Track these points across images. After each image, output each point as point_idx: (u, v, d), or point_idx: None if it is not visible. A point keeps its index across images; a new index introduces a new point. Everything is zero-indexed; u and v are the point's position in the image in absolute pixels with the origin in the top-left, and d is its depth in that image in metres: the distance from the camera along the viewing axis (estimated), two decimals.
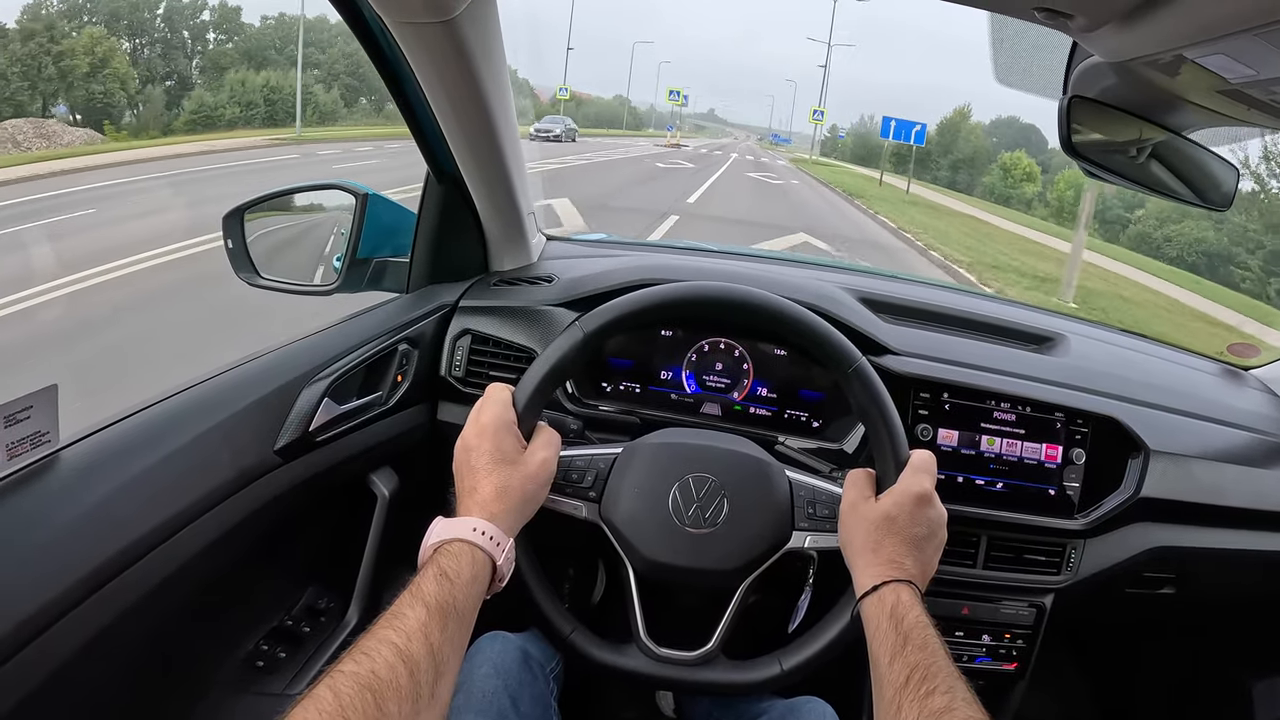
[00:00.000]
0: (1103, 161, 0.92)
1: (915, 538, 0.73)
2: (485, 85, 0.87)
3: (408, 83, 0.91)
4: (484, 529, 0.66)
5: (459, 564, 0.63)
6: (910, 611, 0.67)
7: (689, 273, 1.12)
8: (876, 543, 0.73)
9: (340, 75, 29.66)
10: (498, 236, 1.16)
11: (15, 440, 0.64)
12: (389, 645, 0.54)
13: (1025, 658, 1.04)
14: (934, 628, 0.66)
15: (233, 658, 0.89)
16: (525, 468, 0.73)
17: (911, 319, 1.15)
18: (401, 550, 1.01)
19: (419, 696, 0.53)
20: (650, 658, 0.80)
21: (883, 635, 0.66)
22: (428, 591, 0.60)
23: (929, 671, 0.61)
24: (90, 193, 9.12)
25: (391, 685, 0.52)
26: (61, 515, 0.63)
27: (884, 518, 0.73)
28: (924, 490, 0.75)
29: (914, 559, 0.72)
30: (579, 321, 0.80)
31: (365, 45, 0.88)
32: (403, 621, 0.57)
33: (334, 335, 0.96)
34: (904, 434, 0.79)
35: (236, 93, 24.69)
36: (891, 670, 0.63)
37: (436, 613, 0.58)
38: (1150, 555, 1.03)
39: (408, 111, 0.97)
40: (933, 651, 0.63)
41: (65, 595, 0.59)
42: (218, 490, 0.76)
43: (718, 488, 0.80)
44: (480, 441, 0.73)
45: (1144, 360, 1.25)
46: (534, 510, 0.74)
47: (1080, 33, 0.73)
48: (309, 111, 24.90)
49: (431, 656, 0.56)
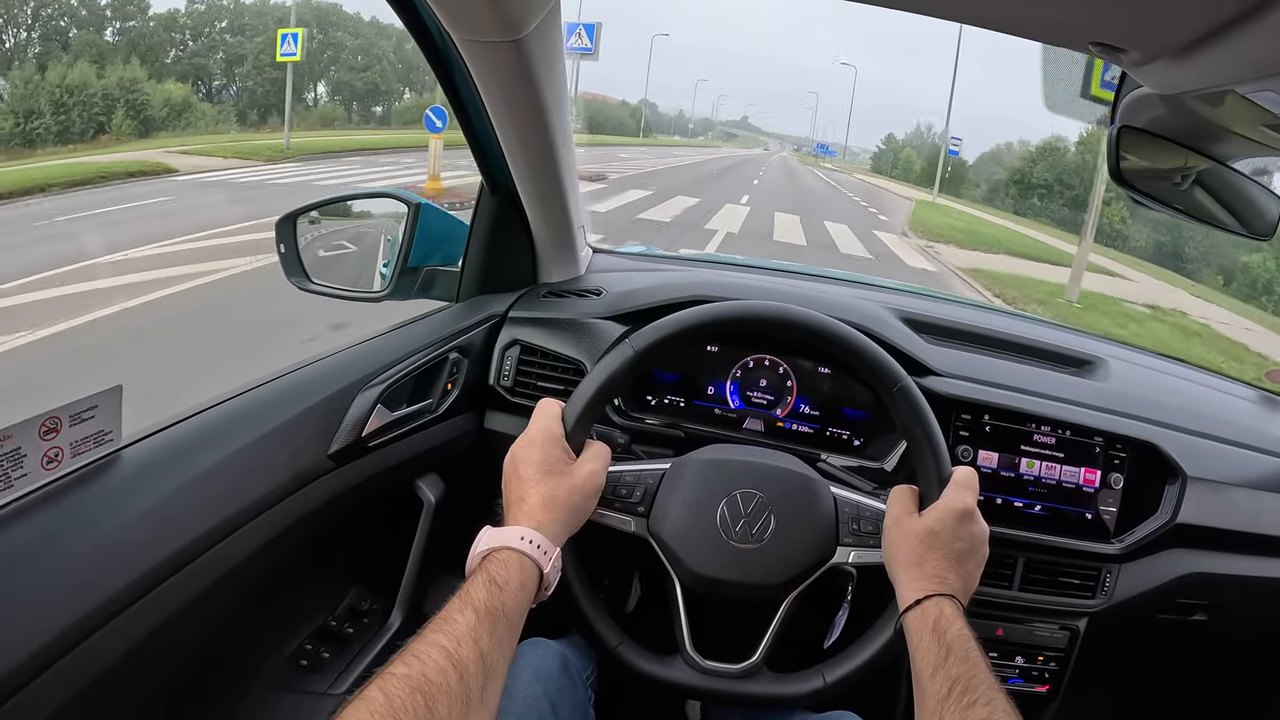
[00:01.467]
0: (1148, 189, 0.93)
1: (958, 553, 0.74)
2: (547, 102, 0.89)
3: (469, 97, 0.93)
4: (531, 537, 0.67)
5: (507, 571, 0.64)
6: (953, 625, 0.68)
7: (735, 289, 1.13)
8: (920, 557, 0.74)
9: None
10: (548, 248, 1.18)
11: (79, 439, 0.65)
12: (439, 649, 0.55)
13: (1057, 680, 1.04)
14: (975, 641, 0.67)
15: (277, 656, 0.90)
16: (572, 479, 0.74)
17: (952, 340, 1.16)
18: (445, 556, 1.02)
19: (469, 700, 0.54)
20: (696, 670, 0.81)
21: (925, 648, 0.67)
22: (477, 597, 0.61)
23: (970, 684, 0.62)
24: None
25: (442, 688, 0.52)
26: (121, 514, 0.64)
27: (928, 533, 0.74)
28: (967, 506, 0.76)
29: (957, 574, 0.73)
30: (629, 339, 0.81)
31: (430, 59, 0.90)
32: (452, 626, 0.57)
33: (388, 342, 0.98)
34: (947, 451, 0.80)
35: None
36: (934, 682, 0.64)
37: (486, 618, 0.59)
38: (1184, 582, 1.03)
39: (466, 124, 0.99)
40: (974, 664, 0.64)
41: (121, 594, 0.60)
42: (273, 493, 0.77)
43: (765, 503, 0.81)
44: (528, 453, 0.74)
45: (1182, 385, 1.25)
46: (581, 521, 0.75)
47: (1133, 66, 0.74)
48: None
49: (481, 660, 0.56)
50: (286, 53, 14.22)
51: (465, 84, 0.91)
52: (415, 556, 0.99)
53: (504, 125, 0.95)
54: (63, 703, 0.56)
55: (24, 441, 0.60)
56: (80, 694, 0.57)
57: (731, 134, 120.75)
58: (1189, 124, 0.87)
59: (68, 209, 8.39)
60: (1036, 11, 0.69)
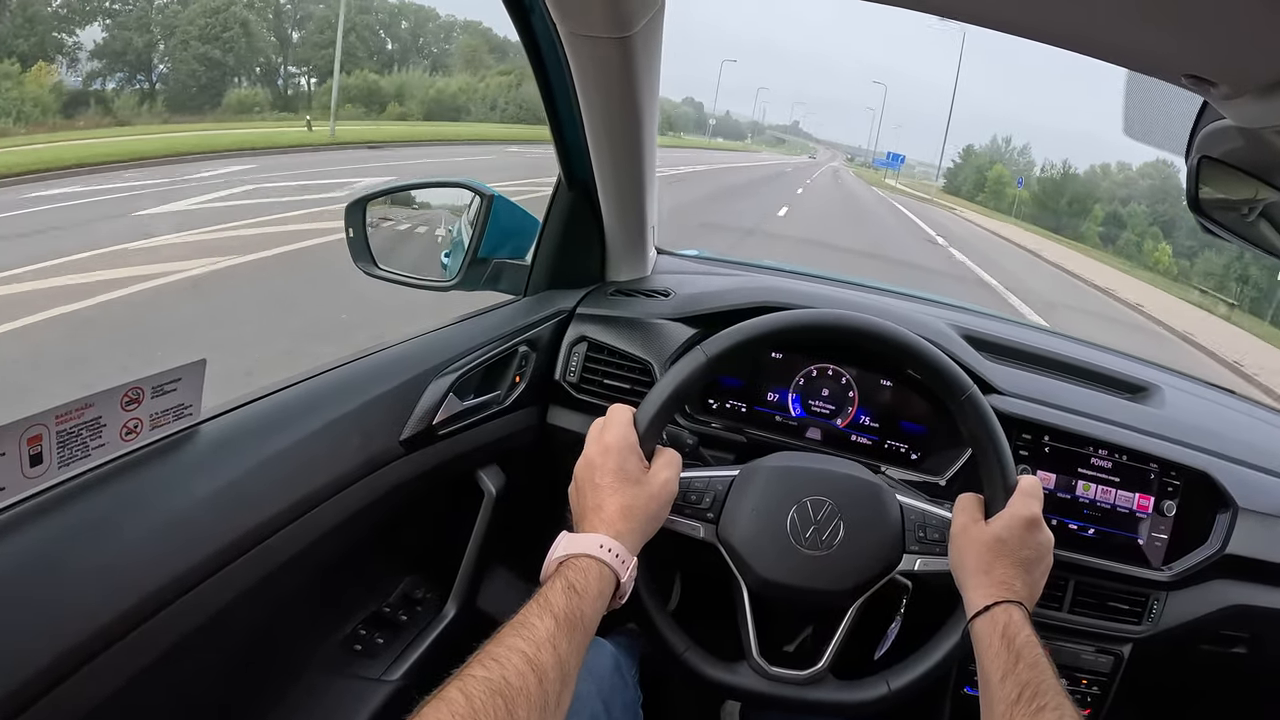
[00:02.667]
0: (1219, 219, 0.94)
1: (1025, 560, 0.75)
2: (642, 101, 0.90)
3: (562, 91, 0.94)
4: (610, 546, 0.67)
5: (586, 579, 0.64)
6: (1021, 631, 0.69)
7: (801, 297, 1.13)
8: (988, 564, 0.74)
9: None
10: (619, 246, 1.18)
11: (159, 411, 0.65)
12: (519, 653, 0.55)
13: (1099, 705, 1.04)
14: (1043, 647, 0.68)
15: (331, 640, 0.90)
16: (649, 487, 0.73)
17: (1012, 359, 1.16)
18: (501, 547, 1.02)
19: (546, 705, 0.54)
20: (763, 676, 0.81)
21: (994, 654, 0.68)
22: (556, 604, 0.61)
23: (1039, 689, 0.63)
24: None
25: (522, 692, 0.53)
26: (196, 489, 0.64)
27: (995, 540, 0.75)
28: (1033, 514, 0.76)
29: (1023, 581, 0.74)
30: (702, 345, 0.81)
31: (528, 47, 0.90)
32: (532, 631, 0.58)
33: (459, 332, 0.98)
34: (1012, 460, 0.81)
35: None
36: (1003, 687, 0.65)
37: (564, 624, 0.59)
38: (1229, 613, 1.03)
39: (554, 117, 1.00)
40: (1043, 670, 0.65)
41: (195, 569, 0.60)
42: (345, 476, 0.77)
43: (834, 510, 0.81)
44: (605, 460, 0.73)
45: (1234, 416, 1.26)
46: (656, 529, 0.75)
47: (1220, 99, 0.76)
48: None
49: (559, 667, 0.57)
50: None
51: (561, 77, 0.91)
52: (473, 547, 0.99)
53: (594, 120, 0.95)
54: (131, 676, 0.56)
55: (105, 411, 0.60)
56: (147, 668, 0.57)
57: (780, 139, 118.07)
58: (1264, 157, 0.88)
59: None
60: (1133, 40, 0.70)
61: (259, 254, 5.72)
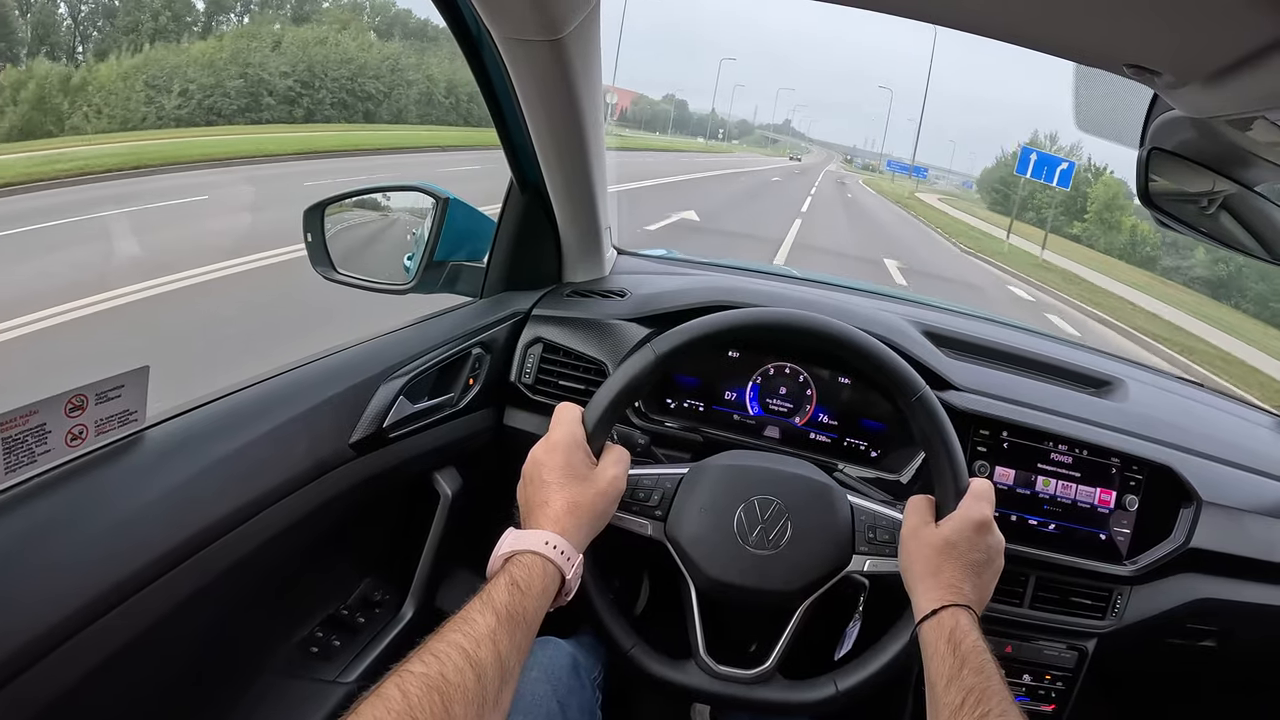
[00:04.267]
0: (1175, 212, 0.93)
1: (974, 564, 0.74)
2: (582, 102, 0.90)
3: (504, 94, 0.94)
4: (556, 543, 0.68)
5: (530, 575, 0.64)
6: (968, 636, 0.68)
7: (759, 296, 1.13)
8: (936, 567, 0.74)
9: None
10: (574, 248, 1.19)
11: (104, 417, 0.65)
12: (458, 649, 0.55)
13: (1064, 700, 1.04)
14: (990, 653, 0.67)
15: (288, 643, 0.90)
16: (596, 484, 0.74)
17: (973, 355, 1.16)
18: (459, 549, 1.03)
19: (484, 702, 0.54)
20: (709, 675, 0.81)
21: (940, 658, 0.67)
22: (498, 600, 0.61)
23: (984, 694, 0.63)
24: None
25: (459, 689, 0.53)
26: (142, 494, 0.64)
27: (944, 543, 0.75)
28: (984, 517, 0.76)
29: (972, 584, 0.73)
30: (652, 343, 0.82)
31: (467, 54, 0.91)
32: (472, 627, 0.58)
33: (411, 334, 0.99)
34: (964, 462, 0.80)
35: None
36: (948, 693, 0.64)
37: (506, 621, 0.59)
38: (1195, 607, 1.03)
39: (499, 121, 1.00)
40: (989, 675, 0.64)
41: (140, 572, 0.61)
42: (293, 479, 0.77)
43: (782, 510, 0.81)
44: (550, 457, 0.74)
45: (1200, 409, 1.25)
46: (603, 526, 0.75)
47: (1166, 89, 0.75)
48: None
49: (499, 663, 0.57)
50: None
51: (501, 81, 0.92)
52: (430, 549, 0.99)
53: (538, 124, 0.95)
54: (78, 678, 0.56)
55: (49, 417, 0.60)
56: (94, 670, 0.57)
57: (773, 139, 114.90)
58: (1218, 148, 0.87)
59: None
60: (1074, 33, 0.69)
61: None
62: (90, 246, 5.47)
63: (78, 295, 4.18)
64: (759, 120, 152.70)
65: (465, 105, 23.64)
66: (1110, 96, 0.91)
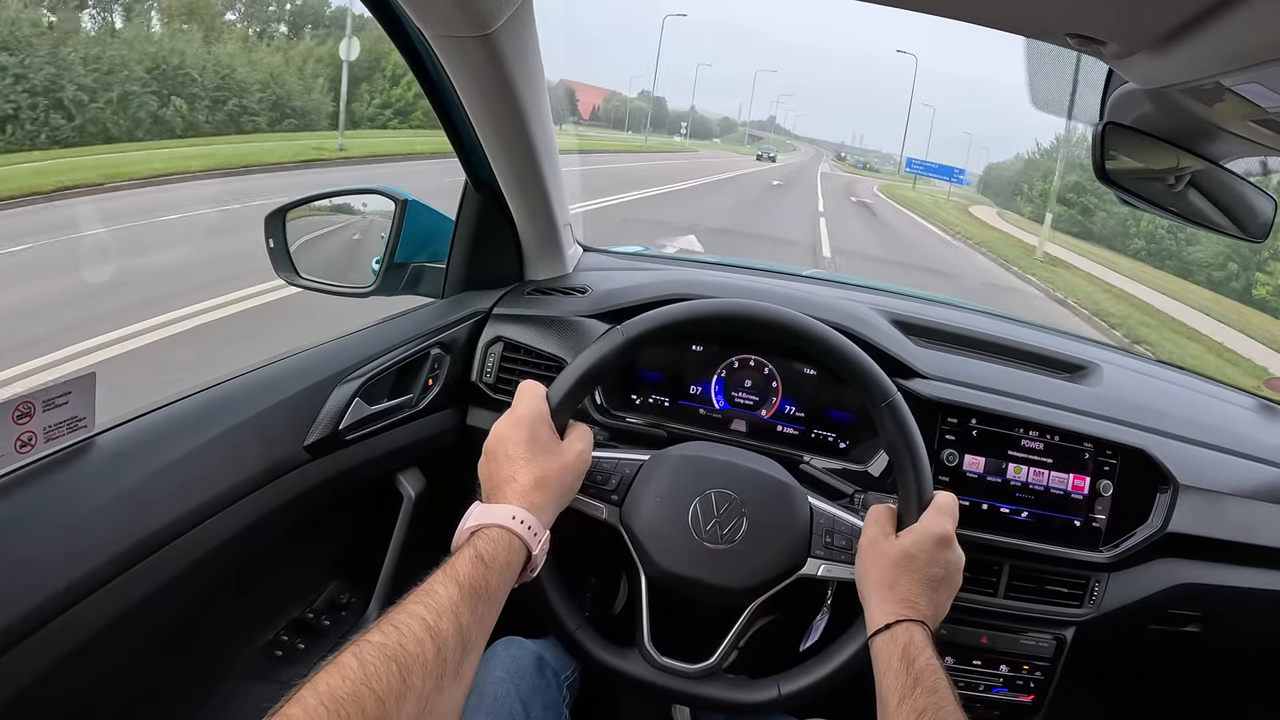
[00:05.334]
0: (1139, 190, 0.91)
1: (932, 579, 0.73)
2: (522, 98, 0.89)
3: (447, 94, 0.94)
4: (523, 518, 0.67)
5: (495, 549, 0.64)
6: (922, 653, 0.67)
7: (724, 289, 1.13)
8: (893, 580, 0.73)
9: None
10: (533, 246, 1.18)
11: (53, 424, 0.66)
12: (418, 620, 0.55)
13: (1043, 690, 1.02)
14: (944, 671, 0.66)
15: (252, 646, 0.91)
16: (563, 458, 0.73)
17: (942, 342, 1.14)
18: (425, 549, 1.02)
19: (444, 673, 0.54)
20: (651, 665, 0.81)
21: (894, 675, 0.66)
22: (462, 572, 0.60)
23: (937, 715, 0.62)
24: None
25: (418, 659, 0.52)
26: (93, 498, 0.65)
27: (903, 555, 0.73)
28: (945, 532, 0.75)
29: (928, 600, 0.72)
30: (621, 326, 0.81)
31: (405, 56, 0.91)
32: (434, 598, 0.57)
33: (368, 337, 0.99)
34: (930, 474, 0.79)
35: None
36: (899, 712, 0.63)
37: (469, 593, 0.59)
38: (1176, 592, 1.01)
39: (447, 122, 1.00)
40: (942, 695, 0.63)
41: (92, 575, 0.61)
42: (247, 482, 0.78)
43: (738, 505, 0.80)
44: (515, 431, 0.73)
45: (1178, 392, 1.22)
46: (568, 501, 0.75)
47: (1114, 59, 0.73)
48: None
49: (459, 635, 0.56)
50: None
51: (441, 81, 0.92)
52: (394, 550, 1.00)
53: (482, 121, 0.95)
54: (36, 676, 0.57)
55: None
56: (53, 667, 0.58)
57: (756, 136, 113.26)
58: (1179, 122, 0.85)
59: None
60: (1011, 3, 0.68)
61: None
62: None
63: None
64: (745, 118, 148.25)
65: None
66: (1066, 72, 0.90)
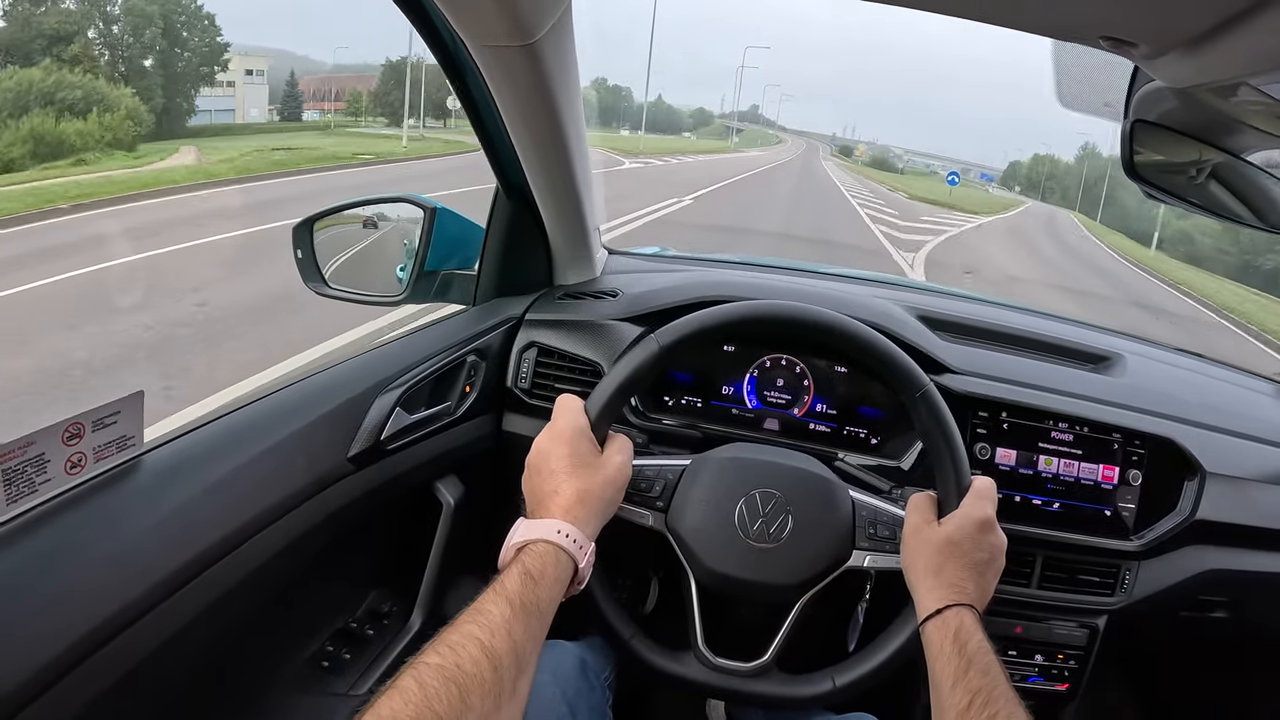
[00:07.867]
0: (1163, 184, 0.92)
1: (977, 563, 0.74)
2: (560, 105, 0.90)
3: (483, 101, 0.94)
4: (568, 531, 0.67)
5: (543, 564, 0.64)
6: (973, 636, 0.68)
7: (753, 289, 1.13)
8: (939, 566, 0.74)
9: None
10: (563, 251, 1.19)
11: (102, 444, 0.66)
12: (473, 640, 0.55)
13: (1077, 679, 1.04)
14: (995, 653, 0.67)
15: (297, 658, 0.91)
16: (605, 471, 0.74)
17: (969, 337, 1.16)
18: (465, 556, 1.03)
19: (501, 692, 0.54)
20: (707, 666, 0.81)
21: (946, 659, 0.67)
22: (512, 589, 0.61)
23: (991, 696, 0.62)
24: None
25: (476, 679, 0.53)
26: (142, 519, 0.65)
27: (947, 542, 0.74)
28: (986, 516, 0.76)
29: (975, 584, 0.73)
30: (655, 334, 0.82)
31: (442, 63, 0.91)
32: (487, 617, 0.57)
33: (405, 346, 0.99)
34: (967, 460, 0.80)
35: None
36: (954, 695, 0.64)
37: (520, 610, 0.59)
38: (1205, 579, 1.03)
39: (480, 128, 1.01)
40: (995, 677, 0.64)
41: (144, 597, 0.61)
42: (293, 497, 0.78)
43: (783, 504, 0.81)
44: (556, 446, 0.73)
45: (1201, 380, 1.24)
46: (612, 513, 0.75)
47: (1143, 59, 0.74)
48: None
49: (514, 653, 0.57)
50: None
51: (479, 88, 0.92)
52: (435, 558, 1.00)
53: (518, 128, 0.95)
54: (85, 704, 0.56)
55: (47, 446, 0.61)
56: (101, 696, 0.58)
57: (736, 128, 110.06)
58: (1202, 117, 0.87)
59: None
60: (1045, 7, 0.69)
61: None
62: None
63: None
64: (719, 108, 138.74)
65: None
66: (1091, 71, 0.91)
